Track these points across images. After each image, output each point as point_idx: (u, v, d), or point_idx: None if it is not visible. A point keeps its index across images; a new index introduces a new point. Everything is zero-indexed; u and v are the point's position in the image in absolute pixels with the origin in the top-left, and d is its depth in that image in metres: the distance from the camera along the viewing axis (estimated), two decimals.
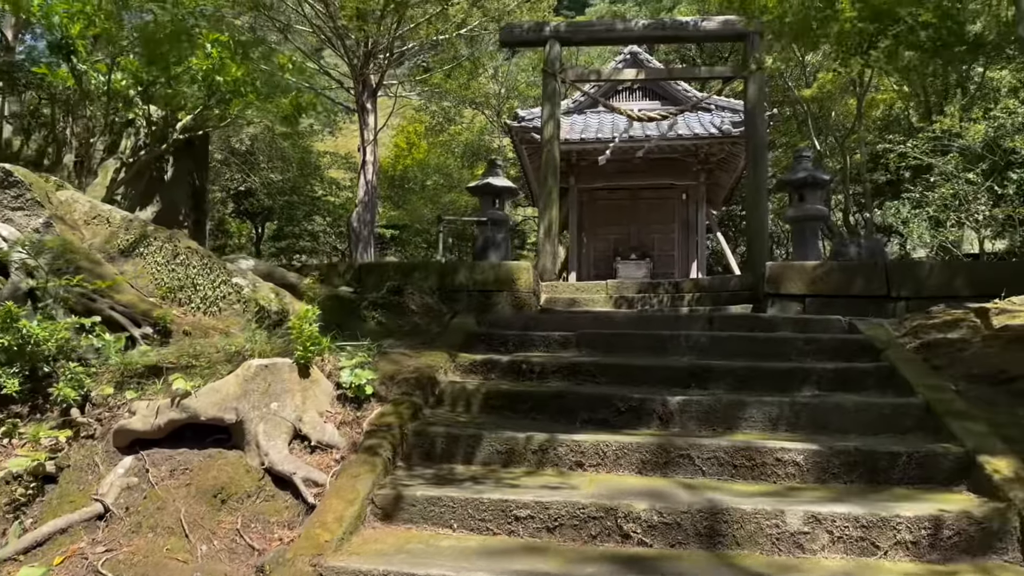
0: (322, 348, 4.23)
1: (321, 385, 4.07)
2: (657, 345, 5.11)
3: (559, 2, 41.09)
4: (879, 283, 8.14)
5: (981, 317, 5.54)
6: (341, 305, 7.15)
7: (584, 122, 17.14)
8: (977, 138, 14.66)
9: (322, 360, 4.23)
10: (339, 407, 4.02)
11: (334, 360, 4.26)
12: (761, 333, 5.32)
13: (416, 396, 4.17)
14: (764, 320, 5.58)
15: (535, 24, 11.87)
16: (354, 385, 4.02)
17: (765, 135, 11.74)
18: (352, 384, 4.02)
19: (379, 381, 4.23)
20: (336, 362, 4.23)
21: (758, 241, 10.89)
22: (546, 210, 11.34)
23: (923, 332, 5.50)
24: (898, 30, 7.18)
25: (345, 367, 4.11)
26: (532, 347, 5.27)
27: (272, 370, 3.95)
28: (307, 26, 19.41)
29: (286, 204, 27.04)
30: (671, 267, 17.59)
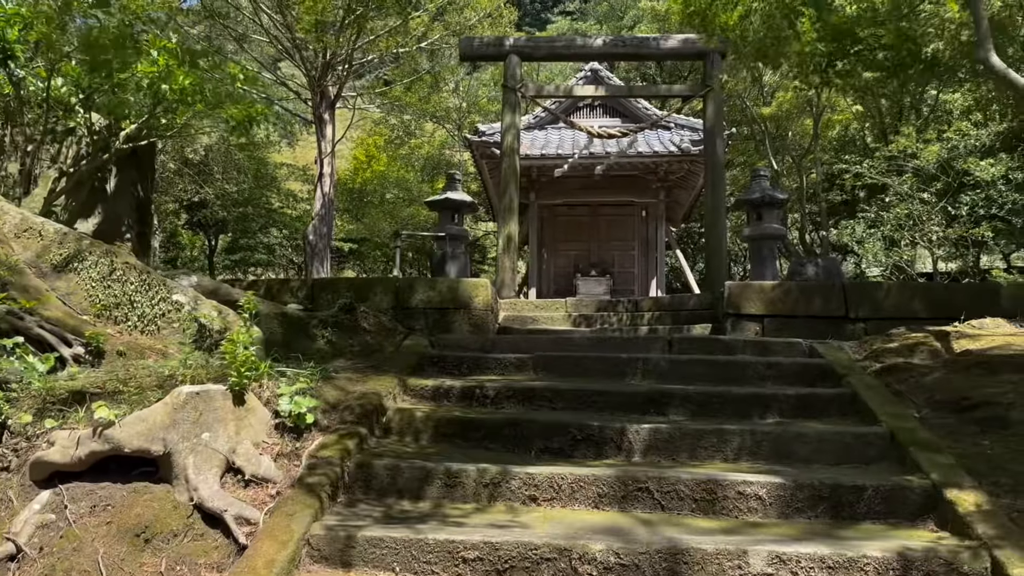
0: (260, 373, 3.97)
1: (258, 414, 3.81)
2: (615, 369, 4.94)
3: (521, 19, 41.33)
4: (837, 304, 8.12)
5: (941, 341, 5.50)
6: (289, 324, 6.86)
7: (545, 138, 17.07)
8: (931, 159, 14.93)
9: (259, 386, 3.96)
10: (277, 437, 3.76)
11: (273, 386, 4.00)
12: (721, 356, 5.19)
13: (361, 425, 3.92)
14: (724, 343, 5.47)
15: (495, 38, 11.75)
16: (293, 414, 3.76)
17: (724, 154, 11.75)
18: (291, 413, 3.76)
19: (322, 409, 3.97)
20: (275, 388, 3.97)
21: (717, 260, 10.86)
22: (505, 225, 11.18)
23: (884, 356, 5.43)
24: (857, 49, 7.19)
25: (284, 394, 3.85)
26: (487, 370, 5.06)
27: (204, 398, 3.67)
28: (265, 36, 19.07)
29: (241, 216, 26.50)
30: (631, 284, 17.56)
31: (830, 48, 7.39)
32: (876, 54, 7.47)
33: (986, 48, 5.01)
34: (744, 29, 7.29)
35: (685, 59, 15.62)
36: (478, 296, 8.56)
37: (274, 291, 8.76)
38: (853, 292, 8.18)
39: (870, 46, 6.98)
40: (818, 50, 6.96)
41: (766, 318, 8.20)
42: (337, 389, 4.35)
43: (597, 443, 3.92)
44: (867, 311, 8.05)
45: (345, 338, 6.87)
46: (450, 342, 5.63)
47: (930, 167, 15.01)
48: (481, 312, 8.53)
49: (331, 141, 18.78)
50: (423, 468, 3.53)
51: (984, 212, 14.40)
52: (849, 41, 7.37)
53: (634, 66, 26.12)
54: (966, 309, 7.99)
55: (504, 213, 11.18)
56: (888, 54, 7.14)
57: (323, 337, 6.85)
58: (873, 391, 4.37)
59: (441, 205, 12.32)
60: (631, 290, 17.45)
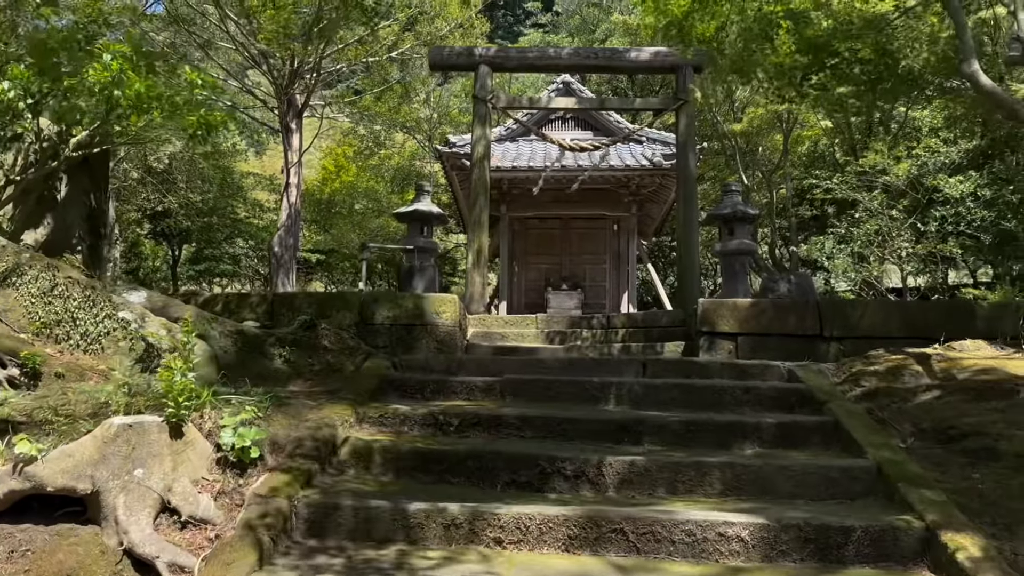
0: (201, 402, 3.64)
1: (197, 447, 3.48)
2: (587, 393, 4.68)
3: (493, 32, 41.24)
4: (812, 322, 7.97)
5: (922, 364, 5.33)
6: (245, 343, 6.51)
7: (516, 150, 16.85)
8: (901, 175, 14.97)
9: (201, 416, 3.63)
10: (218, 473, 3.43)
11: (216, 416, 3.67)
12: (698, 380, 4.95)
13: (313, 460, 3.61)
14: (700, 365, 5.24)
15: (465, 48, 11.53)
16: (237, 447, 3.44)
17: (696, 169, 11.62)
18: (234, 446, 3.44)
19: (270, 441, 3.65)
20: (218, 418, 3.64)
21: (689, 275, 10.69)
22: (475, 240, 10.91)
23: (864, 379, 5.25)
24: (834, 63, 7.07)
25: (227, 425, 3.52)
26: (452, 394, 4.77)
27: (137, 430, 3.34)
28: (231, 44, 18.65)
29: (205, 226, 25.91)
30: (602, 298, 17.37)
31: (806, 61, 7.25)
32: (853, 68, 7.36)
33: (971, 63, 4.88)
34: (720, 41, 7.14)
35: (657, 72, 15.53)
36: (445, 312, 8.28)
37: (232, 307, 8.40)
38: (827, 311, 8.04)
39: (847, 60, 6.86)
40: (797, 63, 6.82)
41: (740, 336, 8.03)
42: (289, 417, 4.04)
43: (567, 477, 3.66)
44: (842, 330, 7.92)
45: (304, 357, 6.54)
46: (413, 363, 5.34)
47: (900, 183, 15.05)
48: (449, 329, 8.24)
49: (298, 151, 18.40)
50: (378, 508, 3.24)
51: (953, 229, 14.44)
52: (826, 54, 7.25)
53: (606, 79, 26.09)
54: (941, 328, 7.89)
55: (474, 228, 10.92)
56: (865, 68, 7.02)
57: (281, 356, 6.52)
58: (856, 419, 4.16)
59: (409, 217, 12.02)
60: (602, 304, 17.27)
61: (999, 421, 4.03)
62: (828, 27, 7.20)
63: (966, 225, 14.28)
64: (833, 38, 7.09)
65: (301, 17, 13.94)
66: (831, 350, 7.93)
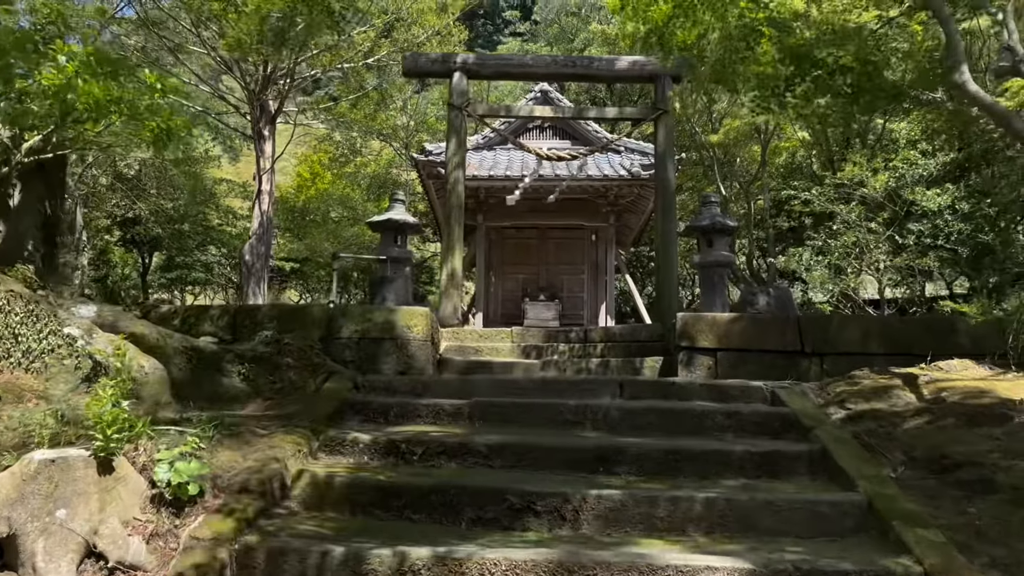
0: (136, 433, 3.31)
1: (130, 484, 3.15)
2: (561, 417, 4.41)
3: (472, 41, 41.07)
4: (792, 338, 7.78)
5: (909, 385, 5.13)
6: (200, 360, 6.16)
7: (494, 159, 16.60)
8: (879, 188, 14.92)
9: (135, 449, 3.30)
10: (152, 513, 3.11)
11: (153, 448, 3.35)
12: (677, 403, 4.70)
13: (260, 496, 3.30)
14: (679, 387, 4.99)
15: (441, 55, 11.26)
16: (173, 484, 3.13)
17: (674, 180, 11.43)
18: (170, 483, 3.13)
19: (213, 475, 3.34)
20: (155, 451, 3.32)
21: (668, 288, 10.48)
22: (450, 253, 10.61)
23: (849, 401, 5.03)
24: (816, 74, 6.88)
25: (163, 460, 3.20)
26: (417, 419, 4.47)
27: (61, 466, 3.01)
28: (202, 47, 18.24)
29: (176, 233, 25.39)
30: (580, 308, 17.14)
31: (788, 72, 7.06)
32: (835, 79, 7.19)
33: (961, 72, 4.71)
34: (702, 49, 6.93)
35: (635, 81, 15.34)
36: (417, 326, 7.98)
37: (192, 320, 8.03)
38: (808, 326, 7.86)
39: (830, 69, 6.68)
40: (779, 73, 6.62)
41: (719, 351, 7.83)
42: (237, 447, 3.72)
43: (538, 513, 3.38)
44: (822, 346, 7.74)
45: (264, 375, 6.21)
46: (378, 384, 5.03)
47: (877, 196, 15.00)
48: (420, 344, 7.94)
49: (271, 157, 18.01)
50: (327, 552, 2.92)
51: (931, 242, 14.40)
52: (808, 64, 7.06)
53: (584, 88, 25.98)
54: (923, 344, 7.72)
55: (448, 240, 10.62)
56: (847, 79, 6.85)
57: (239, 374, 6.18)
58: (844, 447, 3.92)
59: (383, 226, 11.71)
60: (580, 315, 17.05)
61: (994, 450, 3.81)
62: (811, 36, 7.02)
63: (944, 238, 14.24)
64: (815, 47, 6.91)
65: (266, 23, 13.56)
66: (812, 366, 7.75)
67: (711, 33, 6.95)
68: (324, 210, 23.55)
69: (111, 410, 3.15)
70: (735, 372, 7.74)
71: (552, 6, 31.99)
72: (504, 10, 45.77)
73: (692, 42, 6.72)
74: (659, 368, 8.38)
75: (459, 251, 10.82)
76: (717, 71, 7.28)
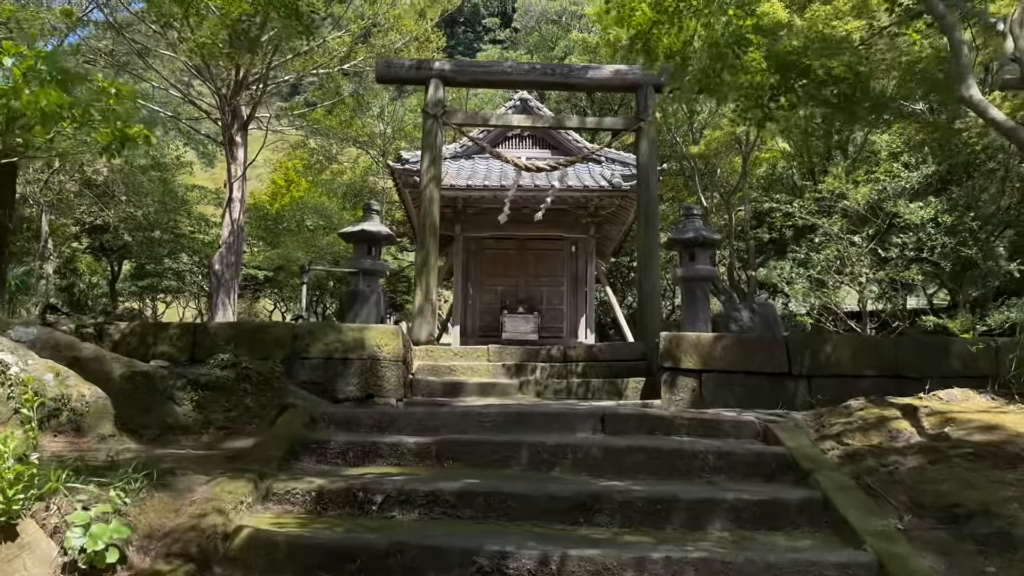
0: (49, 489, 2.89)
1: (37, 551, 2.73)
2: (538, 458, 4.03)
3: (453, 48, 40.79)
4: (780, 360, 7.47)
5: (909, 417, 4.80)
6: (149, 387, 5.71)
7: (472, 167, 16.23)
8: (861, 200, 14.75)
9: (47, 509, 2.88)
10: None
11: (69, 505, 2.92)
12: (664, 440, 4.33)
13: (191, 560, 2.89)
14: (665, 420, 4.62)
15: (416, 61, 10.88)
16: (88, 551, 2.71)
17: (657, 193, 11.12)
18: (85, 549, 2.70)
19: (138, 537, 2.92)
20: (72, 509, 2.89)
21: (650, 305, 10.14)
22: (424, 268, 10.20)
23: (846, 436, 4.70)
24: (803, 83, 6.62)
25: (77, 523, 2.77)
26: (379, 459, 4.06)
27: None
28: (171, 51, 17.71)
29: (147, 241, 24.76)
30: (560, 321, 16.78)
31: (774, 80, 6.78)
32: (823, 89, 6.92)
33: (967, 84, 4.42)
34: (687, 56, 6.63)
35: (617, 91, 15.12)
36: (387, 345, 7.59)
37: (150, 339, 7.56)
38: (796, 347, 7.56)
39: (819, 79, 6.41)
40: (767, 82, 6.33)
41: (704, 373, 7.52)
42: (172, 497, 3.30)
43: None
44: (811, 367, 7.45)
45: (220, 402, 5.77)
46: (338, 416, 4.61)
47: (859, 209, 14.83)
48: (391, 363, 7.55)
49: (242, 164, 17.49)
50: None
51: (914, 255, 14.24)
52: (795, 73, 6.79)
53: (564, 97, 25.73)
54: (915, 368, 7.45)
55: (423, 253, 10.21)
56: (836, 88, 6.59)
57: (192, 402, 5.73)
58: (847, 495, 3.57)
59: (356, 237, 11.30)
60: (559, 328, 16.69)
61: (1011, 498, 3.48)
62: (799, 45, 6.76)
63: (928, 252, 14.09)
64: (804, 56, 6.63)
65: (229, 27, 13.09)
66: (799, 388, 7.46)
67: (697, 41, 6.67)
68: (298, 218, 23.05)
69: (14, 466, 2.72)
70: (720, 394, 7.43)
71: (532, 14, 31.76)
72: (484, 17, 45.54)
73: (678, 48, 6.42)
74: (641, 389, 8.05)
75: (434, 269, 10.42)
76: (702, 79, 7.00)
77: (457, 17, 47.19)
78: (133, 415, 5.57)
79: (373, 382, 7.47)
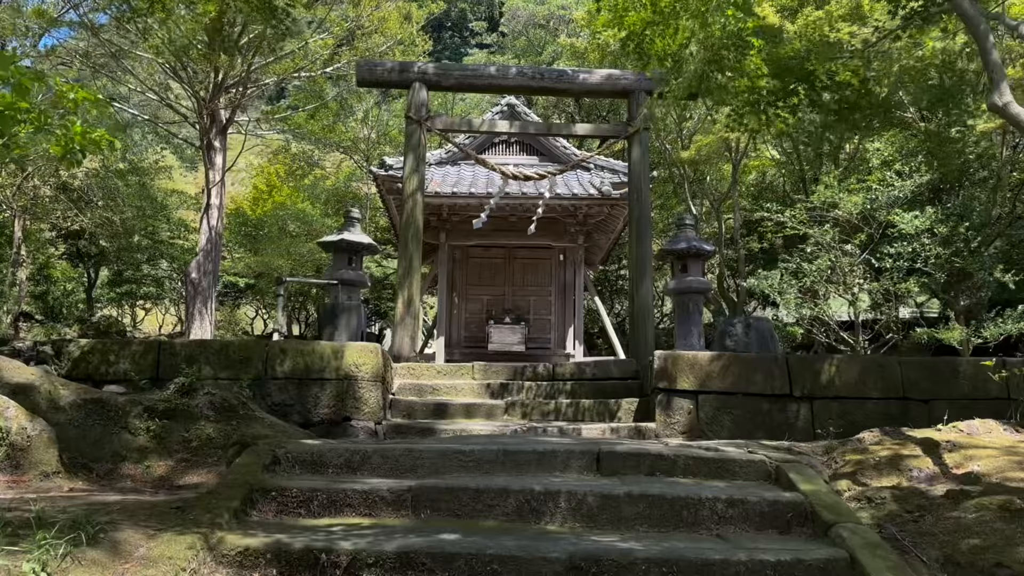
0: None
1: None
2: (527, 507, 3.59)
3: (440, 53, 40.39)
4: (781, 380, 7.10)
5: (929, 453, 4.41)
6: (103, 415, 5.24)
7: (458, 174, 15.80)
8: (853, 209, 14.44)
9: None
10: None
11: None
12: (666, 484, 3.90)
13: None
14: (667, 460, 4.17)
15: (398, 63, 10.44)
16: None
17: (650, 203, 10.73)
18: None
19: None
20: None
21: (643, 321, 9.74)
22: (406, 279, 9.75)
23: (863, 474, 4.30)
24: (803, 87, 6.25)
25: None
26: (348, 509, 3.61)
27: None
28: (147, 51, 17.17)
29: (125, 247, 24.18)
30: (547, 331, 16.36)
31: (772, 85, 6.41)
32: (824, 93, 6.56)
33: (1001, 91, 4.05)
34: (683, 59, 6.25)
35: (608, 96, 14.69)
36: (365, 364, 7.17)
37: (110, 357, 7.06)
38: (797, 367, 7.20)
39: (821, 84, 6.04)
40: (765, 86, 5.96)
41: (700, 394, 7.16)
42: (103, 562, 2.84)
43: None
44: (814, 389, 7.09)
45: (179, 431, 5.31)
46: (303, 455, 4.14)
47: (852, 218, 14.52)
48: (369, 384, 7.14)
49: (221, 169, 16.99)
50: None
51: (909, 266, 13.94)
52: (794, 78, 6.42)
53: (553, 103, 25.35)
54: (922, 389, 7.10)
55: (405, 266, 9.77)
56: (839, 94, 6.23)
57: (148, 431, 5.27)
58: (876, 555, 3.15)
59: (335, 247, 10.82)
60: (547, 338, 16.28)
61: None
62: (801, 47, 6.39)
63: (923, 262, 13.79)
64: (807, 60, 6.26)
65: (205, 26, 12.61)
66: (801, 410, 7.09)
67: (693, 44, 6.29)
68: (279, 225, 22.50)
69: None
70: (718, 417, 7.04)
71: (520, 18, 31.38)
72: (471, 21, 45.19)
73: (673, 51, 6.03)
74: (635, 411, 7.65)
75: (417, 278, 9.98)
76: (696, 83, 6.62)
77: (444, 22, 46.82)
78: (84, 447, 5.10)
79: (350, 404, 7.04)
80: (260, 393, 6.87)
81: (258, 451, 4.11)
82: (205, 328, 16.30)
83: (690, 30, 5.95)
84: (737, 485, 3.96)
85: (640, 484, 3.83)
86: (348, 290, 10.74)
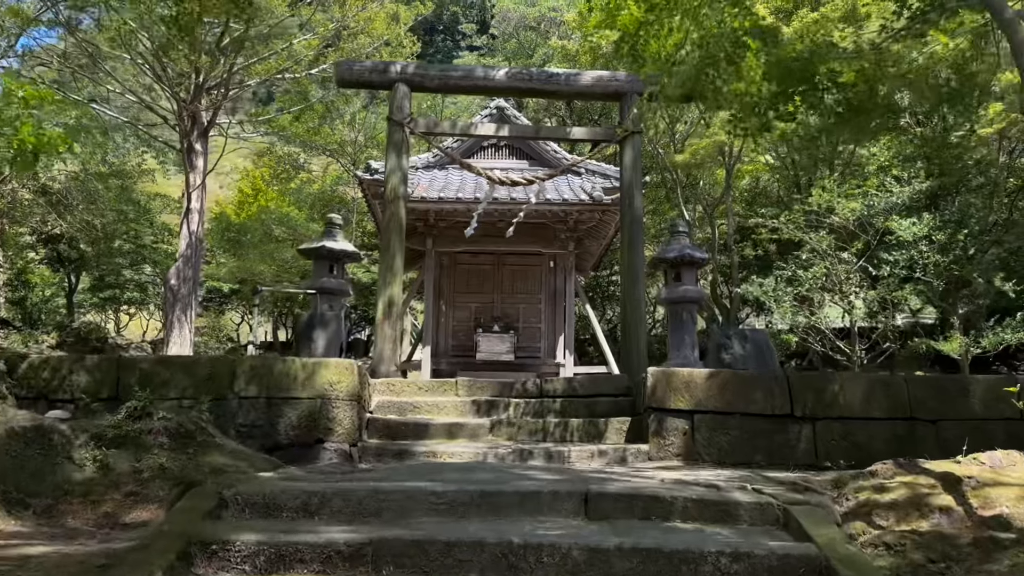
0: None
1: None
2: (503, 562, 3.14)
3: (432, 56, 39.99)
4: (781, 399, 6.71)
5: (950, 490, 4.00)
6: (41, 444, 4.77)
7: (445, 179, 15.38)
8: (850, 216, 14.13)
9: None
10: None
11: None
12: (661, 533, 3.46)
13: None
14: (663, 502, 3.72)
15: (380, 63, 10.04)
16: None
17: (642, 208, 10.33)
18: None
19: None
20: None
21: (635, 334, 9.32)
22: (387, 286, 9.31)
23: (878, 515, 3.88)
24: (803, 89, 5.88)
25: None
26: (298, 565, 3.14)
27: None
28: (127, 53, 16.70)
29: (107, 251, 23.66)
30: (537, 340, 15.93)
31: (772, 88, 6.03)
32: (825, 96, 6.19)
33: None
34: (679, 61, 5.87)
35: (599, 99, 14.32)
36: (341, 382, 6.74)
37: (64, 374, 6.59)
38: (799, 385, 6.80)
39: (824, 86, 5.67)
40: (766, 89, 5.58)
41: (696, 414, 6.76)
42: None
43: None
44: (816, 408, 6.70)
45: (129, 461, 4.84)
46: (254, 499, 3.68)
47: (848, 224, 14.20)
48: (345, 403, 6.71)
49: (202, 173, 16.51)
50: None
51: (906, 273, 13.63)
52: (794, 80, 6.04)
53: (543, 106, 24.97)
54: (929, 409, 6.73)
55: (385, 274, 9.33)
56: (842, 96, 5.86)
57: (95, 462, 4.80)
58: None
59: (316, 254, 10.37)
60: (537, 347, 15.85)
61: None
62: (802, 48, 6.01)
63: (921, 270, 13.48)
64: (809, 62, 5.88)
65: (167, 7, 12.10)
66: (803, 431, 6.70)
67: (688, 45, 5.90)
68: (264, 229, 22.02)
69: None
70: (715, 439, 6.64)
71: (510, 20, 31.01)
72: (462, 24, 44.82)
73: (667, 52, 5.64)
74: (626, 431, 7.23)
75: (398, 280, 9.52)
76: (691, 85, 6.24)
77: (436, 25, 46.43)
78: (21, 480, 4.63)
79: (323, 425, 6.59)
80: (226, 414, 6.43)
81: (203, 493, 3.66)
82: (185, 336, 15.80)
83: (684, 29, 5.56)
84: (742, 531, 3.53)
85: (633, 533, 3.40)
86: (329, 299, 10.28)
